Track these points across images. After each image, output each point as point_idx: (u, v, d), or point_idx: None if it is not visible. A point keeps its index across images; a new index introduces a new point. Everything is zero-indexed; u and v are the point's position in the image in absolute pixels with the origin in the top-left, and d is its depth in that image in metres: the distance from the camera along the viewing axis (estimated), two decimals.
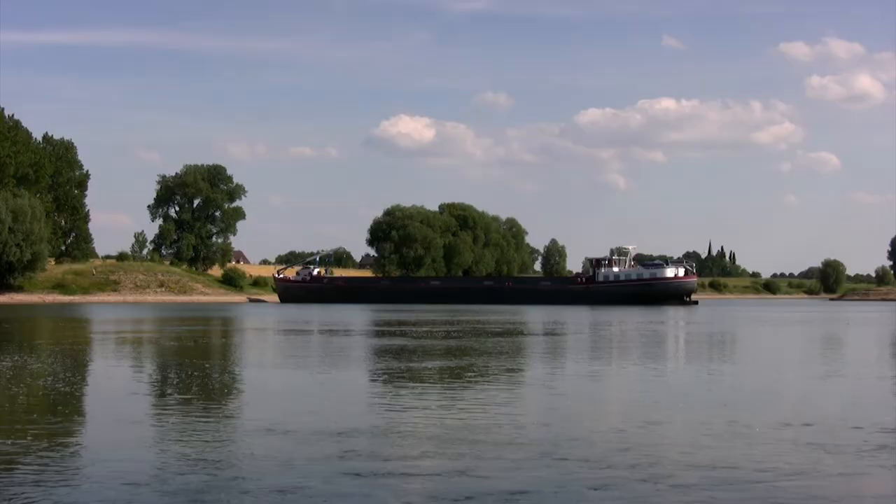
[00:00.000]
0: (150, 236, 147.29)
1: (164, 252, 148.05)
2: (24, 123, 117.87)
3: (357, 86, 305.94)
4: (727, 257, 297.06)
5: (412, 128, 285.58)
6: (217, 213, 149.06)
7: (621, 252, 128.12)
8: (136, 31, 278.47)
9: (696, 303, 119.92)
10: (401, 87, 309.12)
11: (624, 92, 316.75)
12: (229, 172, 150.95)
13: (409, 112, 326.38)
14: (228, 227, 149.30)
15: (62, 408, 18.27)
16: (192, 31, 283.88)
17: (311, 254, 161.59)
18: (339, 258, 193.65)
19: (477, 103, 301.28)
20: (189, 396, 20.12)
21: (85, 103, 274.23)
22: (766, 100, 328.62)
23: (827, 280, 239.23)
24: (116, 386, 22.48)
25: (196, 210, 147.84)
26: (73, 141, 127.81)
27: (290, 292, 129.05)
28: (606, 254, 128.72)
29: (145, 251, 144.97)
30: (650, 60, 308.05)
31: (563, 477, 12.15)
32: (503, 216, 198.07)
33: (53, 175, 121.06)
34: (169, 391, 21.29)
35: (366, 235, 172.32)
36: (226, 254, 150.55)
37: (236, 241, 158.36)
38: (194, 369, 25.48)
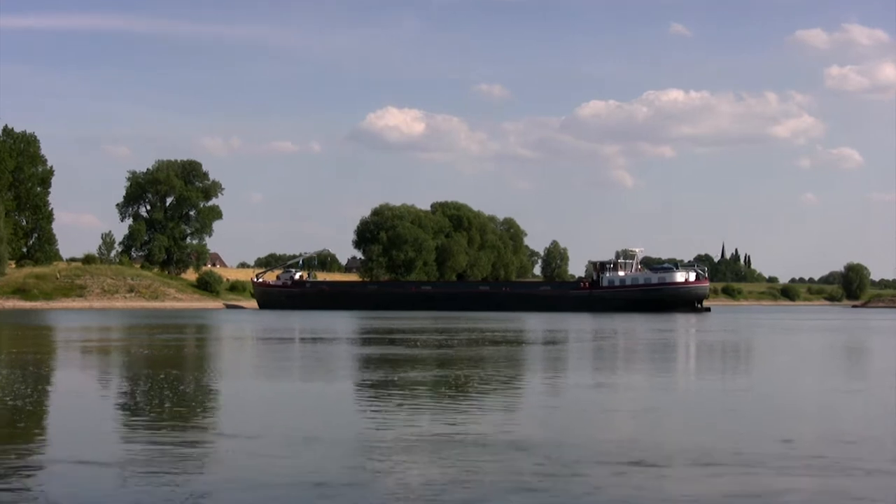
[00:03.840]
0: (118, 237, 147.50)
1: (134, 254, 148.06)
2: None
3: (342, 75, 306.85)
4: (741, 261, 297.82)
5: (401, 121, 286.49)
6: (191, 213, 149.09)
7: (627, 255, 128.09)
8: (105, 16, 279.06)
9: (708, 310, 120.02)
10: (389, 77, 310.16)
11: (629, 82, 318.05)
12: (205, 168, 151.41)
13: (397, 104, 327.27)
14: (204, 227, 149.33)
15: (22, 424, 18.22)
16: (165, 17, 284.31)
17: (293, 256, 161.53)
18: (323, 261, 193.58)
19: (471, 94, 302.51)
20: (160, 412, 20.06)
21: (48, 94, 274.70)
22: (783, 91, 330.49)
23: (850, 285, 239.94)
24: (81, 400, 22.41)
25: (169, 209, 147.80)
26: (35, 134, 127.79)
27: (270, 298, 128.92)
28: (611, 257, 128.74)
29: (114, 253, 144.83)
30: (657, 49, 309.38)
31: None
32: (500, 216, 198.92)
33: (14, 171, 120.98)
34: (139, 405, 21.22)
35: (352, 237, 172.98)
36: (201, 256, 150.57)
37: (212, 243, 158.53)
38: (166, 382, 25.41)
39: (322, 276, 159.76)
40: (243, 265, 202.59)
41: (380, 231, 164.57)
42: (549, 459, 14.47)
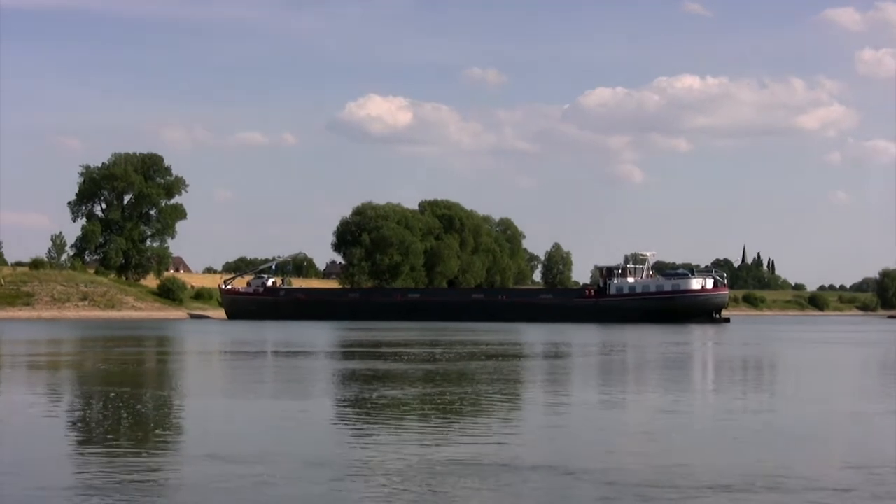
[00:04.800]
0: (70, 239, 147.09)
1: (87, 258, 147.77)
2: None
3: (319, 59, 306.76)
4: (765, 266, 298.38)
5: (385, 110, 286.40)
6: (152, 212, 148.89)
7: (637, 260, 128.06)
8: None
9: (727, 320, 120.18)
10: (371, 62, 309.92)
11: (638, 68, 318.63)
12: (166, 163, 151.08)
13: (380, 91, 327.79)
14: (166, 228, 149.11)
15: None
16: None
17: (265, 261, 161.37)
18: (299, 266, 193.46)
19: (463, 80, 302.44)
20: (116, 434, 20.04)
21: None
22: (810, 77, 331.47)
23: (885, 293, 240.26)
24: (27, 423, 22.37)
25: (126, 208, 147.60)
26: None
27: (240, 307, 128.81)
28: (619, 262, 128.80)
29: (65, 257, 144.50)
30: (669, 29, 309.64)
31: None
32: (496, 216, 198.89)
33: None
34: (92, 427, 21.20)
35: (331, 239, 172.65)
36: (162, 260, 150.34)
37: (175, 246, 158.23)
38: (123, 401, 25.37)
39: (297, 283, 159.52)
40: (210, 270, 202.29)
41: (362, 233, 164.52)
42: (549, 486, 14.49)
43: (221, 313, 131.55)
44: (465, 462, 16.49)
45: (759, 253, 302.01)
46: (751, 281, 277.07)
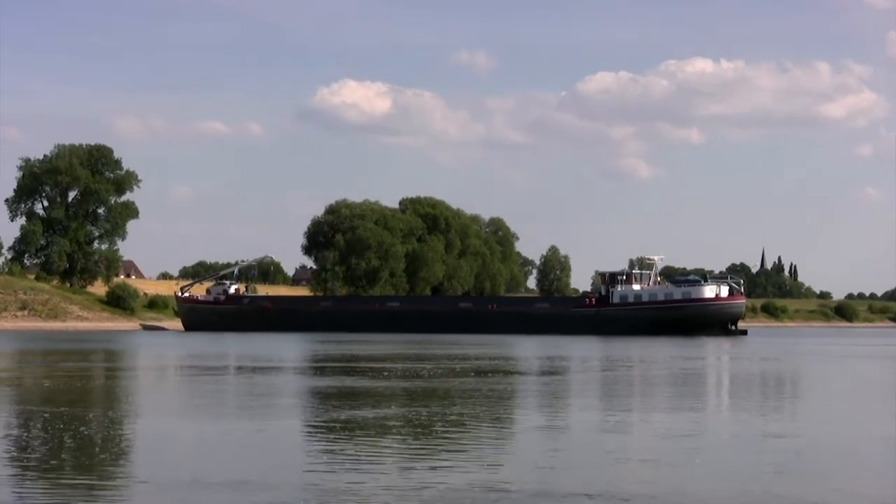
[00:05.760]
0: (7, 241, 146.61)
1: (27, 262, 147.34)
2: None
3: (288, 40, 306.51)
4: (786, 272, 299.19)
5: (361, 96, 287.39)
6: (100, 210, 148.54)
7: (644, 264, 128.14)
8: None
9: (744, 332, 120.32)
10: (346, 43, 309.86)
11: (644, 50, 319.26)
12: (117, 155, 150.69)
13: (357, 76, 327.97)
14: (115, 228, 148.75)
15: None
16: None
17: (227, 265, 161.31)
18: (265, 271, 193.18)
19: (448, 64, 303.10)
20: (59, 459, 19.95)
21: None
22: (837, 60, 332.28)
23: None
24: None
25: (72, 206, 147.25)
26: None
27: (199, 317, 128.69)
28: (624, 267, 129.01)
29: (1, 261, 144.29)
30: (679, 7, 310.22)
31: None
32: (485, 216, 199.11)
33: None
34: (32, 451, 21.11)
35: (301, 241, 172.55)
36: (112, 265, 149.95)
37: (126, 248, 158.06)
38: (66, 423, 25.27)
39: (263, 290, 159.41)
40: (165, 276, 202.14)
41: (336, 234, 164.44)
42: None
43: (178, 324, 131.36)
44: (453, 489, 16.47)
45: (779, 257, 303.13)
46: (770, 288, 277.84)
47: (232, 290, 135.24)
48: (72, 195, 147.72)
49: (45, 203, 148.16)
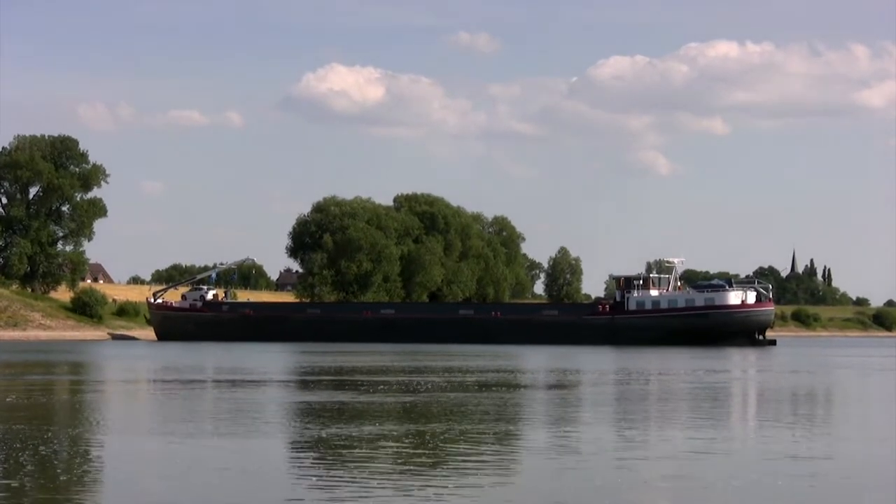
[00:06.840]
0: None
1: None
2: None
3: (271, 21, 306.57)
4: (819, 276, 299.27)
5: (351, 83, 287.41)
6: (64, 208, 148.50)
7: (662, 268, 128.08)
8: None
9: (773, 343, 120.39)
10: (335, 26, 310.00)
11: (662, 33, 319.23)
12: (82, 148, 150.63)
13: (346, 61, 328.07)
14: (81, 228, 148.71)
15: None
16: None
17: (204, 269, 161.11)
18: (246, 275, 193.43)
19: (447, 47, 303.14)
20: (20, 480, 19.96)
21: None
22: (875, 42, 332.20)
23: None
24: None
25: (33, 203, 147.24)
26: None
27: (173, 325, 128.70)
28: (640, 270, 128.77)
29: None
30: None
31: None
32: (488, 214, 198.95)
33: None
34: None
35: (286, 242, 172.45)
36: (77, 268, 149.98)
37: (93, 250, 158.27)
38: (24, 442, 25.28)
39: (244, 296, 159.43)
40: (136, 280, 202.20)
41: (324, 234, 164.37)
42: None
43: (150, 333, 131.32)
44: None
45: (812, 260, 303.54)
46: (802, 294, 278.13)
47: (209, 295, 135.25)
48: (33, 191, 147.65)
49: (4, 200, 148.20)
